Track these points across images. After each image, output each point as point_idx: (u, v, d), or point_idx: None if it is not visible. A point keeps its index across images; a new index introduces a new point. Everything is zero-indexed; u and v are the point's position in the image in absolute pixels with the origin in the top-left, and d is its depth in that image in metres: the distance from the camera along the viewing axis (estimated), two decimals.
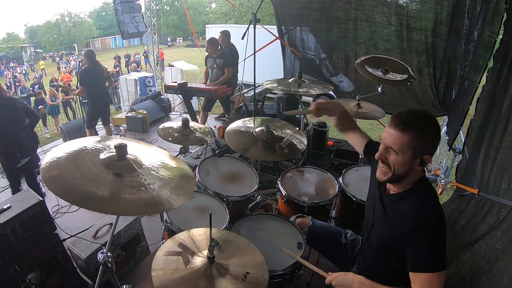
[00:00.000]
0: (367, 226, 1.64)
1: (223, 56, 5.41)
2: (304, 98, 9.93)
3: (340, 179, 2.55)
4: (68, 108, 10.48)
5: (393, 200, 1.45)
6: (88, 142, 1.40)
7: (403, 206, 1.38)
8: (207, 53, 5.56)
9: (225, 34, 5.73)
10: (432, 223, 1.29)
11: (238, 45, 5.59)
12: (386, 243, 1.45)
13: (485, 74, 2.72)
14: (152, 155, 1.48)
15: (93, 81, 4.74)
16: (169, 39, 38.97)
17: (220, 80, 5.36)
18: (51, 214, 2.49)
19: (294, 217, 2.14)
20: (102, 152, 1.34)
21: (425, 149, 1.30)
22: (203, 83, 5.50)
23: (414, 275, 1.29)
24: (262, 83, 4.20)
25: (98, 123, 5.45)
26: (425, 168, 1.41)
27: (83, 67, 4.86)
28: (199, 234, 1.61)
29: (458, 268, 2.24)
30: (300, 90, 2.89)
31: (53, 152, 1.26)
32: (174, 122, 2.68)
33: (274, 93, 5.92)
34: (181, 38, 39.76)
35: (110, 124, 5.44)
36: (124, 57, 21.56)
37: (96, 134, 5.66)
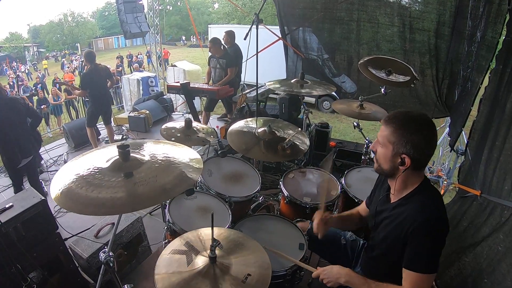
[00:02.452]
0: (371, 228, 1.65)
1: (226, 56, 5.39)
2: (307, 99, 9.95)
3: (342, 180, 2.54)
4: (71, 108, 10.51)
5: (396, 205, 1.47)
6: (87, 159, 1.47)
7: (405, 210, 1.39)
8: (210, 53, 5.56)
9: (230, 34, 5.71)
10: (431, 227, 1.30)
11: (241, 46, 5.60)
12: (389, 245, 1.46)
13: (488, 75, 2.71)
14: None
15: (94, 83, 4.75)
16: (183, 37, 39.11)
17: (223, 81, 5.35)
18: (53, 213, 2.49)
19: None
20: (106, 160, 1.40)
21: (401, 147, 1.33)
22: (206, 83, 5.50)
23: (407, 272, 1.35)
24: (265, 84, 4.20)
25: (100, 123, 5.46)
26: (425, 173, 1.43)
27: (85, 68, 4.88)
28: (207, 233, 1.60)
29: (460, 269, 2.23)
30: (303, 90, 2.88)
31: (57, 182, 1.30)
32: (177, 122, 2.68)
33: (277, 94, 5.92)
34: (193, 36, 39.76)
35: (112, 124, 5.45)
36: (127, 57, 21.61)
37: (98, 133, 5.68)
